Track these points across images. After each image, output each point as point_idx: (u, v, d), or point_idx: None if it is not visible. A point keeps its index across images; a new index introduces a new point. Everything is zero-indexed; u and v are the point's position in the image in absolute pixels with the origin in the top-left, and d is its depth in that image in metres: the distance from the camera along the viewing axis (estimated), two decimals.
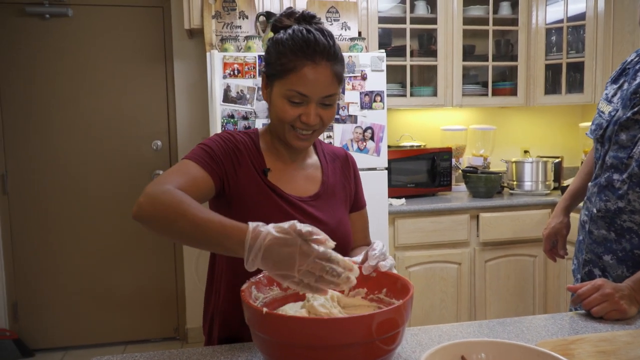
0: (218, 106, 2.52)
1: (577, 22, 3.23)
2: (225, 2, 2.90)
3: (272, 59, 1.12)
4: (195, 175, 1.06)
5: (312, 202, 1.20)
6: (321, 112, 1.11)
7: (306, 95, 1.08)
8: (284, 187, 1.18)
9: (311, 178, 1.24)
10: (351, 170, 1.33)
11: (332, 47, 1.10)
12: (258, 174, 1.17)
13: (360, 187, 1.34)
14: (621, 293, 1.18)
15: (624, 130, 1.32)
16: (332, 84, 1.10)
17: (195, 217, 0.90)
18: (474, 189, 3.19)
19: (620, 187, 1.33)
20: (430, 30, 3.29)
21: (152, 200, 0.95)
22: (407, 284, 0.92)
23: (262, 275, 0.97)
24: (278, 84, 1.11)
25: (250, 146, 1.18)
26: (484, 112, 3.67)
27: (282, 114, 1.11)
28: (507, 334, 1.12)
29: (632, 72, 1.38)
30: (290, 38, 1.09)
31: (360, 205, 1.34)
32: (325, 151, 1.31)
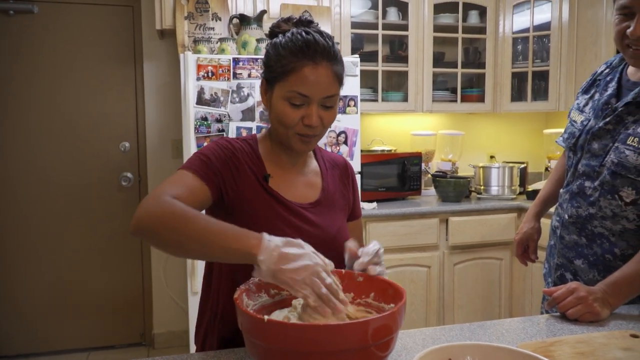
0: (191, 108, 2.49)
1: (543, 31, 3.34)
2: (198, 3, 2.87)
3: (272, 61, 1.11)
4: (191, 186, 1.05)
5: (313, 208, 1.19)
6: (322, 113, 1.11)
7: (307, 95, 1.08)
8: (284, 194, 1.17)
9: (311, 184, 1.24)
10: (350, 178, 1.33)
11: (331, 47, 1.10)
12: (258, 180, 1.15)
13: (358, 197, 1.35)
14: (594, 296, 1.22)
15: (596, 139, 1.38)
16: (332, 84, 1.10)
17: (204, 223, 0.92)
18: (443, 193, 3.25)
19: (592, 194, 1.38)
20: (402, 37, 3.34)
21: (152, 213, 0.94)
22: (399, 289, 0.93)
23: (252, 282, 0.96)
24: (278, 87, 1.10)
25: (250, 153, 1.17)
26: (452, 117, 3.74)
27: (284, 117, 1.10)
28: (489, 337, 1.15)
29: (603, 84, 1.44)
30: (290, 40, 1.09)
31: (357, 214, 1.34)
32: (325, 158, 1.31)
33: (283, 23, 1.16)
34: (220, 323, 1.16)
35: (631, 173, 1.28)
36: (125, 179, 3.38)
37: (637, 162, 1.27)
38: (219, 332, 1.16)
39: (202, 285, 1.24)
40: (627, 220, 1.33)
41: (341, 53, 3.19)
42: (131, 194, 3.42)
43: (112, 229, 3.40)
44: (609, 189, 1.34)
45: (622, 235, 1.35)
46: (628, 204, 1.31)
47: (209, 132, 2.52)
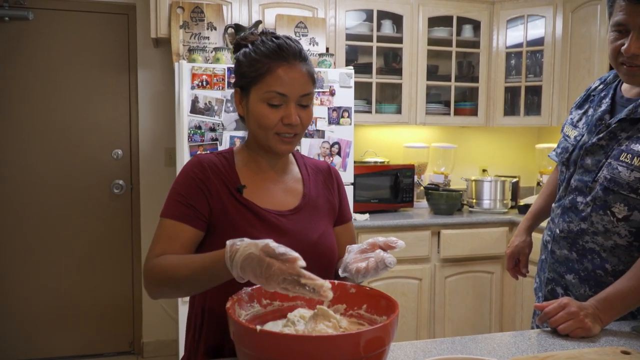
0: (185, 117, 2.49)
1: (536, 47, 3.37)
2: (193, 12, 2.87)
3: (245, 67, 1.14)
4: (176, 234, 1.11)
5: (292, 215, 1.19)
6: (300, 112, 1.14)
7: (285, 94, 1.11)
8: (260, 203, 1.17)
9: (291, 191, 1.24)
10: (335, 183, 1.33)
11: (301, 49, 1.16)
12: (232, 193, 1.16)
13: (346, 200, 1.35)
14: (586, 312, 1.22)
15: (589, 155, 1.38)
16: (307, 82, 1.14)
17: (183, 276, 1.02)
18: (435, 206, 3.25)
19: (584, 209, 1.39)
20: (396, 49, 3.36)
21: (148, 281, 1.09)
22: (392, 301, 0.93)
23: (244, 292, 0.96)
24: (255, 90, 1.13)
25: (224, 166, 1.18)
26: (445, 130, 3.76)
27: (263, 119, 1.12)
28: (480, 351, 1.14)
29: (597, 100, 1.45)
30: (262, 45, 1.13)
31: (346, 218, 1.34)
32: (307, 164, 1.31)
33: (250, 35, 1.19)
34: (206, 333, 1.15)
35: (623, 189, 1.29)
36: (117, 186, 3.36)
37: (630, 179, 1.27)
38: (205, 343, 1.15)
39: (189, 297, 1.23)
40: (618, 236, 1.33)
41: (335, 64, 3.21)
42: (123, 201, 3.40)
43: (103, 236, 3.37)
44: (601, 205, 1.35)
45: (613, 251, 1.35)
46: (620, 220, 1.32)
47: (203, 141, 2.52)
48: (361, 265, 1.03)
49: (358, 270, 1.03)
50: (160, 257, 1.07)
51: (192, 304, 1.21)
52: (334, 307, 1.02)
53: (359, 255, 1.09)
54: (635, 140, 1.29)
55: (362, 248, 1.10)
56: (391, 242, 1.07)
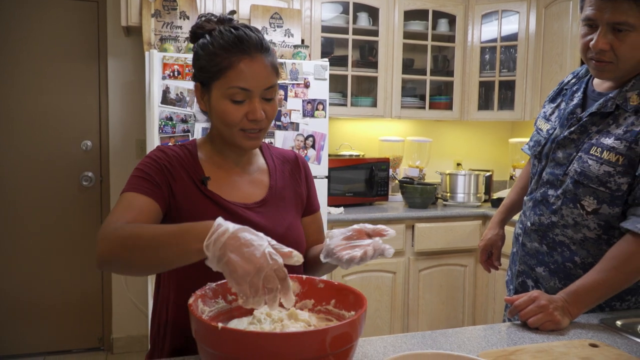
0: (156, 108, 2.43)
1: (510, 42, 3.39)
2: (165, 1, 2.80)
3: (204, 62, 1.09)
4: (140, 206, 1.03)
5: (258, 208, 1.16)
6: (265, 106, 1.10)
7: (248, 89, 1.07)
8: (225, 195, 1.14)
9: (257, 183, 1.21)
10: (302, 172, 1.30)
11: (262, 40, 1.10)
12: (196, 185, 1.13)
13: (314, 190, 1.32)
14: (555, 305, 1.22)
15: (561, 148, 1.39)
16: (270, 75, 1.10)
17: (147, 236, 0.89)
18: (410, 199, 3.25)
19: (555, 202, 1.39)
20: (372, 42, 3.34)
21: (106, 243, 0.93)
22: (360, 296, 0.91)
23: (208, 287, 0.92)
24: (216, 86, 1.08)
25: (186, 158, 1.14)
26: (420, 124, 3.77)
27: (227, 116, 1.08)
28: (450, 345, 1.13)
29: (570, 93, 1.45)
30: (220, 37, 1.07)
31: (314, 208, 1.31)
32: (273, 155, 1.28)
33: (205, 23, 1.13)
34: (170, 332, 1.12)
35: (593, 183, 1.29)
36: (87, 178, 3.28)
37: (599, 172, 1.28)
38: (170, 341, 1.12)
39: (154, 292, 1.19)
40: (588, 229, 1.34)
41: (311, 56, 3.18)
42: (92, 194, 3.31)
43: (72, 230, 3.28)
44: (571, 198, 1.35)
45: (582, 244, 1.36)
46: (589, 213, 1.32)
47: (174, 133, 2.46)
48: (356, 254, 0.98)
49: (352, 259, 0.97)
50: (124, 224, 0.96)
51: (156, 299, 1.18)
52: (301, 303, 1.00)
53: (345, 242, 1.04)
54: (605, 134, 1.30)
55: (347, 235, 1.05)
56: (382, 230, 1.03)
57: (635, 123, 1.25)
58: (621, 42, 1.22)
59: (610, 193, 1.28)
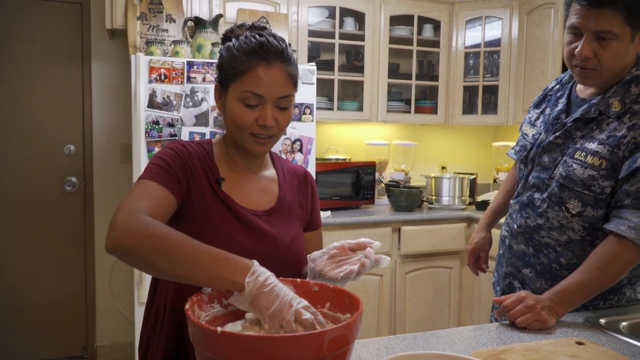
0: (142, 111, 2.42)
1: (493, 47, 3.45)
2: (151, 3, 2.80)
3: (225, 64, 1.11)
4: (160, 197, 1.02)
5: (266, 217, 1.17)
6: (277, 115, 1.10)
7: (261, 95, 1.07)
8: (237, 199, 1.15)
9: (267, 191, 1.21)
10: (309, 189, 1.31)
11: (285, 49, 1.11)
12: (211, 184, 1.13)
13: (317, 207, 1.33)
14: (542, 304, 1.25)
15: (547, 152, 1.42)
16: (286, 84, 1.10)
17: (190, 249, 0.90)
18: (396, 202, 3.28)
19: (540, 205, 1.42)
20: (358, 47, 3.37)
21: (131, 233, 0.90)
22: (356, 299, 0.92)
23: (204, 292, 0.93)
24: (232, 88, 1.10)
25: (203, 156, 1.15)
26: (406, 128, 3.80)
27: (239, 118, 1.09)
28: (441, 346, 1.15)
29: (554, 99, 1.49)
30: (244, 42, 1.09)
31: (316, 225, 1.32)
32: (284, 167, 1.29)
33: (237, 28, 1.15)
34: (165, 337, 1.12)
35: (578, 186, 1.33)
36: (70, 183, 3.24)
37: (584, 176, 1.31)
38: (163, 347, 1.12)
39: (147, 297, 1.19)
40: (572, 231, 1.37)
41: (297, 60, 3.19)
42: (76, 199, 3.28)
43: (55, 236, 3.24)
44: (556, 201, 1.38)
45: (567, 246, 1.39)
46: (574, 215, 1.36)
47: (160, 137, 2.45)
48: (353, 268, 1.01)
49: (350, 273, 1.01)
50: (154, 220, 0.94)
51: (150, 305, 1.17)
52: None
53: (331, 261, 1.07)
54: (589, 139, 1.33)
55: (330, 254, 1.08)
56: (367, 242, 1.07)
57: (617, 128, 1.29)
58: (605, 50, 1.25)
59: (594, 196, 1.31)
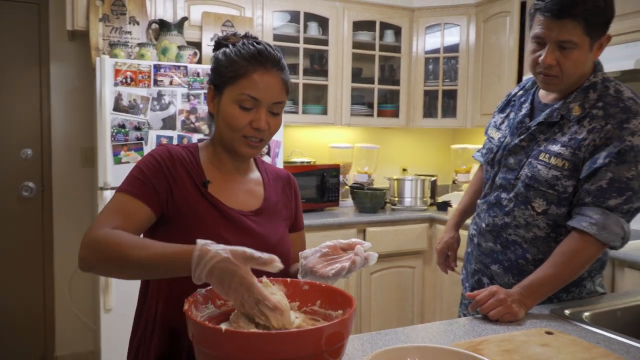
0: (108, 115, 2.38)
1: (452, 53, 3.57)
2: (114, 5, 2.75)
3: (223, 67, 1.14)
4: (131, 210, 1.06)
5: (254, 217, 1.20)
6: (270, 119, 1.14)
7: (257, 99, 1.11)
8: (224, 200, 1.17)
9: (253, 193, 1.24)
10: (293, 191, 1.35)
11: (281, 58, 1.16)
12: (197, 187, 1.15)
13: (301, 209, 1.37)
14: (512, 298, 1.32)
15: (512, 154, 1.50)
16: (281, 91, 1.15)
17: (138, 257, 0.93)
18: (360, 204, 3.34)
19: (507, 204, 1.50)
20: (322, 51, 3.42)
21: (91, 250, 0.99)
22: (348, 296, 0.96)
23: (199, 293, 0.95)
24: (228, 91, 1.12)
25: (189, 159, 1.17)
26: (368, 131, 3.88)
27: (233, 120, 1.12)
28: (422, 339, 1.21)
29: (518, 104, 1.57)
30: (242, 48, 1.13)
31: (300, 226, 1.36)
32: (268, 170, 1.32)
33: (232, 36, 1.20)
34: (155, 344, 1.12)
35: (542, 186, 1.41)
36: (27, 188, 3.14)
37: (548, 176, 1.40)
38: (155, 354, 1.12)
39: (137, 305, 1.20)
40: (538, 229, 1.46)
41: None
42: (33, 205, 3.18)
43: (11, 242, 3.13)
44: (522, 200, 1.47)
45: (533, 242, 1.47)
46: (539, 213, 1.44)
47: (127, 140, 2.42)
48: (344, 265, 1.05)
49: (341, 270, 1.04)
50: (114, 230, 1.00)
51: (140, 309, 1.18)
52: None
53: (323, 259, 1.10)
54: (552, 142, 1.42)
55: (322, 252, 1.12)
56: (358, 242, 1.11)
57: (578, 131, 1.38)
58: (566, 58, 1.34)
59: (557, 195, 1.40)
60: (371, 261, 1.06)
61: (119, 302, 2.41)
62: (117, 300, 2.41)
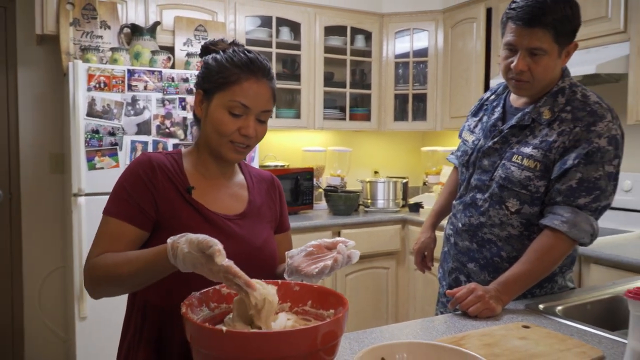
0: (81, 120, 2.35)
1: (421, 57, 3.66)
2: (85, 9, 2.72)
3: (213, 72, 1.16)
4: (118, 233, 1.11)
5: (239, 220, 1.21)
6: (257, 126, 1.17)
7: (247, 106, 1.13)
8: (209, 205, 1.18)
9: (237, 196, 1.26)
10: (277, 192, 1.37)
11: (270, 68, 1.19)
12: (181, 193, 1.16)
13: (286, 210, 1.39)
14: (490, 294, 1.38)
15: (486, 156, 1.57)
16: (270, 100, 1.17)
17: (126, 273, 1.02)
18: (334, 207, 3.39)
19: (483, 204, 1.56)
20: (294, 56, 3.45)
21: (90, 280, 1.09)
22: (339, 295, 0.99)
23: (193, 297, 0.96)
24: (218, 97, 1.14)
25: (172, 167, 1.18)
26: (340, 134, 3.93)
27: (222, 125, 1.14)
28: (406, 336, 1.25)
29: (490, 108, 1.64)
30: (234, 55, 1.16)
31: (286, 227, 1.38)
32: (252, 173, 1.34)
33: (219, 42, 1.22)
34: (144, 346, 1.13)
35: (516, 186, 1.48)
36: None
37: (521, 177, 1.46)
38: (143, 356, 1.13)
39: (126, 309, 1.21)
40: (512, 227, 1.52)
41: None
42: (1, 212, 3.09)
43: None
44: (497, 200, 1.53)
45: (507, 241, 1.54)
46: (513, 213, 1.51)
47: (101, 146, 2.40)
48: (327, 263, 1.06)
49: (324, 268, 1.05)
50: (100, 256, 1.07)
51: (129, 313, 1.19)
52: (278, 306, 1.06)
53: (308, 258, 1.12)
54: (524, 144, 1.49)
55: (307, 251, 1.14)
56: (342, 241, 1.12)
57: (548, 134, 1.45)
58: (537, 64, 1.41)
59: (530, 195, 1.47)
60: (354, 259, 1.08)
61: (94, 310, 2.38)
62: (92, 308, 2.38)
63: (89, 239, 2.35)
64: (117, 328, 1.22)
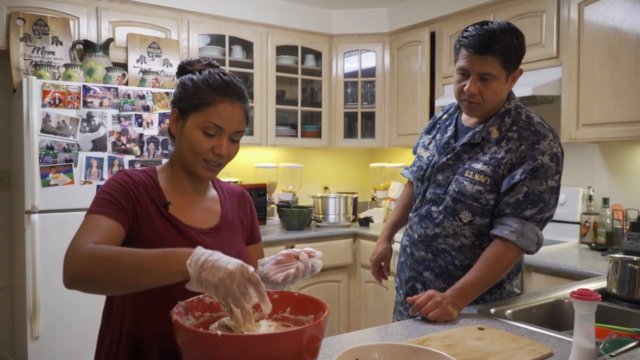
0: (35, 137, 2.31)
1: (369, 77, 3.81)
2: (36, 25, 2.68)
3: (189, 93, 1.20)
4: (106, 228, 1.09)
5: (212, 233, 1.26)
6: (230, 146, 1.22)
7: (221, 127, 1.18)
8: (184, 219, 1.22)
9: (211, 210, 1.30)
10: (247, 205, 1.42)
11: (244, 91, 1.24)
12: (158, 208, 1.20)
13: (256, 222, 1.44)
14: (447, 300, 1.49)
15: (440, 172, 1.69)
16: (243, 121, 1.23)
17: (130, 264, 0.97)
18: (287, 222, 3.45)
19: (437, 216, 1.68)
20: (246, 74, 3.51)
21: (83, 261, 1.00)
22: (319, 302, 1.06)
23: (181, 305, 1.00)
24: (193, 117, 1.19)
25: (149, 183, 1.22)
26: (292, 151, 4.01)
27: (196, 145, 1.18)
28: (374, 340, 1.33)
29: (443, 127, 1.77)
30: (210, 77, 1.20)
31: (257, 238, 1.44)
32: (223, 188, 1.39)
33: (196, 62, 1.26)
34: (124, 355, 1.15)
35: (468, 199, 1.60)
36: None
37: (473, 191, 1.59)
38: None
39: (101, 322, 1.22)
40: (464, 237, 1.64)
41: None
42: None
43: None
44: (451, 212, 1.65)
45: (460, 250, 1.66)
46: (465, 224, 1.63)
47: (55, 162, 2.36)
48: (290, 271, 1.12)
49: (287, 276, 1.12)
50: (100, 245, 1.03)
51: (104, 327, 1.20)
52: (259, 313, 1.11)
53: (276, 266, 1.19)
54: (475, 160, 1.62)
55: (277, 259, 1.20)
56: (310, 251, 1.19)
57: (497, 151, 1.59)
58: (487, 88, 1.55)
59: (481, 207, 1.60)
60: (317, 268, 1.16)
61: (48, 329, 2.31)
62: (46, 327, 2.31)
63: (43, 257, 2.33)
64: (74, 346, 1.22)
